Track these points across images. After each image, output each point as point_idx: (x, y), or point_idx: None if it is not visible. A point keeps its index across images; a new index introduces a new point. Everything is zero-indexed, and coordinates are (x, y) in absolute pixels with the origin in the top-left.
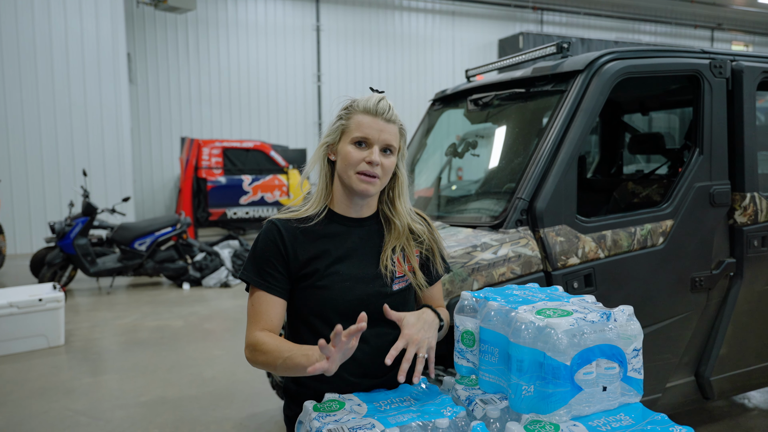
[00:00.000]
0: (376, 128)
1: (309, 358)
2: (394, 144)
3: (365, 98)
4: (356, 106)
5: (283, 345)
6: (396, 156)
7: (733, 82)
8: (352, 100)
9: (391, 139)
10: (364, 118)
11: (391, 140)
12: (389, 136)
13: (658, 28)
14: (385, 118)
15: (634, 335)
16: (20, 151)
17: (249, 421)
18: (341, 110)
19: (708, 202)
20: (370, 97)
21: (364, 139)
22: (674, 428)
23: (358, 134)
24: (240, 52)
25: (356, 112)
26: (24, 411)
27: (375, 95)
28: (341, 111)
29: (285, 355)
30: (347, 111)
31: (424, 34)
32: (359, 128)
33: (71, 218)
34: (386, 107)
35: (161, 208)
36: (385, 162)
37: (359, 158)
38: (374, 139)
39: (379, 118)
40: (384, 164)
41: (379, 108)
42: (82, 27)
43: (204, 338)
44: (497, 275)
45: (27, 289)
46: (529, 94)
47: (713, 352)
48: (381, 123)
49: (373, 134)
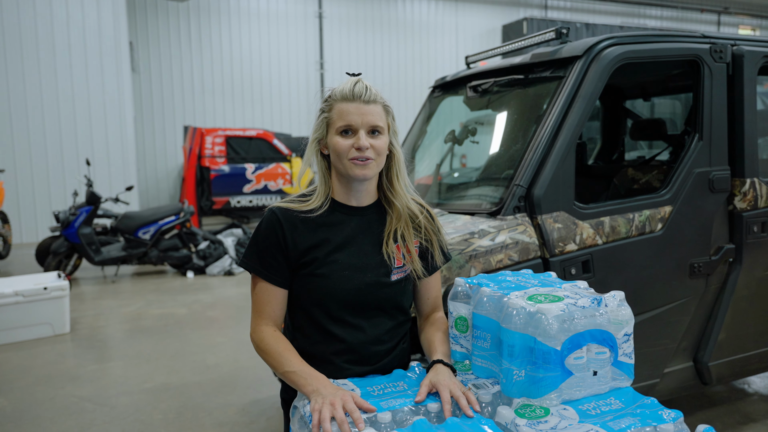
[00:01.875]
0: (357, 113)
1: (306, 385)
2: (379, 123)
3: (341, 85)
4: (335, 95)
5: (285, 356)
6: (386, 134)
7: (733, 66)
8: (330, 90)
9: (376, 119)
10: (344, 106)
11: (376, 120)
12: (372, 117)
13: (664, 12)
14: (364, 100)
15: (625, 320)
16: (24, 140)
17: (251, 407)
18: (322, 103)
19: (707, 188)
20: (347, 82)
21: (349, 127)
22: (663, 411)
23: (341, 123)
24: (242, 39)
25: (336, 101)
26: (30, 397)
27: (351, 79)
28: (322, 104)
29: (286, 368)
30: (327, 103)
31: (427, 21)
32: (341, 117)
33: (75, 207)
34: (362, 89)
35: (165, 197)
36: (375, 143)
37: (348, 146)
38: (358, 123)
39: (358, 101)
40: (375, 145)
41: (356, 92)
42: (83, 16)
43: (207, 326)
44: (495, 262)
45: (32, 278)
46: (527, 80)
47: (712, 337)
48: (361, 107)
49: (355, 120)
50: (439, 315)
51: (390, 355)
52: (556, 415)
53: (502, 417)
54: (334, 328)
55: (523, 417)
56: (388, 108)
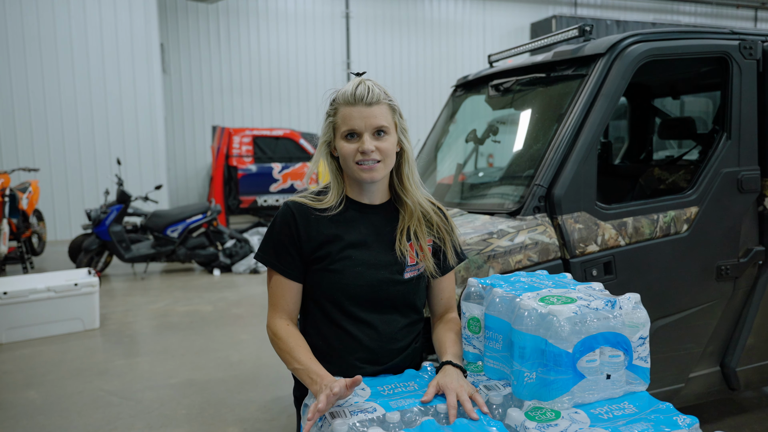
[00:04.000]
0: (359, 117)
1: (313, 384)
2: (384, 124)
3: (345, 88)
4: (338, 98)
5: (296, 352)
6: (394, 134)
7: (764, 63)
8: (335, 93)
9: (380, 120)
10: (347, 110)
11: (380, 122)
12: (376, 119)
13: (698, 8)
14: (366, 103)
15: (641, 323)
16: (59, 141)
17: (273, 404)
18: (328, 107)
19: (736, 188)
20: (349, 84)
21: (353, 131)
22: (678, 417)
23: (345, 128)
24: (270, 40)
25: (340, 105)
26: (60, 390)
27: (353, 81)
28: (328, 108)
29: (295, 365)
30: (332, 106)
31: (454, 20)
32: (345, 122)
33: (106, 206)
34: (364, 92)
35: (194, 196)
36: (381, 145)
37: (353, 150)
38: (361, 127)
39: (360, 105)
40: (380, 147)
41: (358, 95)
42: (116, 19)
43: (232, 323)
44: (513, 262)
45: (64, 274)
46: (549, 78)
47: (739, 342)
48: (364, 110)
49: (358, 124)
50: (453, 315)
51: (402, 355)
52: (567, 418)
53: (512, 419)
54: (347, 324)
55: (533, 420)
56: (394, 106)
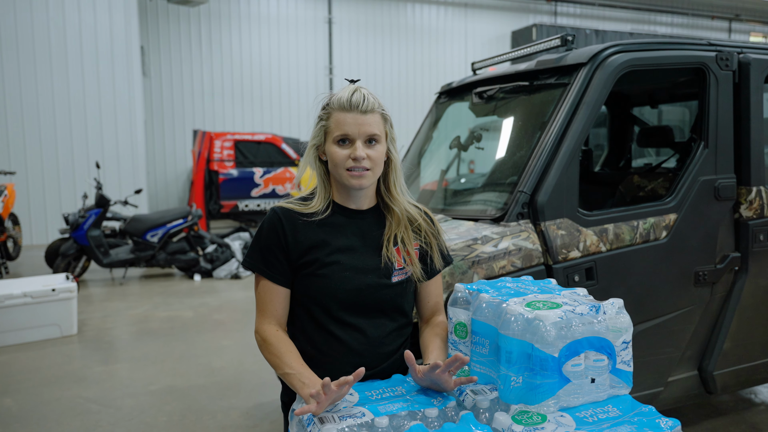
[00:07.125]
0: (354, 123)
1: (303, 388)
2: (377, 133)
3: (339, 93)
4: (333, 103)
5: (286, 357)
6: (384, 143)
7: (740, 74)
8: (329, 97)
9: (373, 129)
10: (341, 116)
11: (373, 130)
12: (369, 127)
13: (674, 19)
14: (361, 111)
15: (624, 328)
16: (36, 143)
17: (255, 410)
18: (321, 110)
19: (713, 196)
20: (344, 90)
21: (345, 137)
22: (661, 420)
23: (338, 133)
24: (252, 44)
25: (333, 110)
26: (37, 398)
27: (349, 88)
28: (321, 111)
29: (286, 369)
30: (326, 111)
31: (436, 26)
32: (338, 127)
33: (85, 210)
34: (360, 99)
35: (174, 200)
36: (372, 153)
37: (344, 156)
38: (354, 134)
39: (355, 111)
40: (371, 156)
41: (353, 102)
42: (95, 20)
43: (213, 329)
44: (497, 268)
45: (41, 280)
46: (532, 87)
47: (717, 346)
48: (358, 117)
49: (352, 130)
50: (440, 319)
51: (390, 359)
52: (553, 422)
53: (499, 423)
54: (335, 328)
55: (520, 423)
56: (386, 116)
